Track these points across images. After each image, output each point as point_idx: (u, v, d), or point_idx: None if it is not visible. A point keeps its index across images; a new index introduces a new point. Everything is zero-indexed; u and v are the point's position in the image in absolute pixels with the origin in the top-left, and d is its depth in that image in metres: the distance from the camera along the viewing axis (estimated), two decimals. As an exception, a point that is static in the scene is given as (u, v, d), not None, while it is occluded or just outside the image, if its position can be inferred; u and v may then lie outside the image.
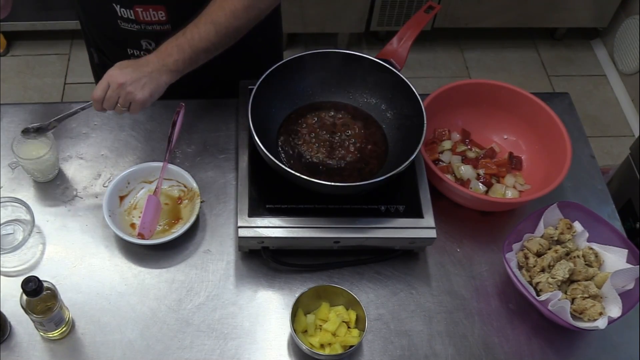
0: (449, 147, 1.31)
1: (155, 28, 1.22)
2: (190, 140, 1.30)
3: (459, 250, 1.20)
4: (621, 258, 1.12)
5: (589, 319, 1.06)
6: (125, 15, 1.20)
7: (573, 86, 2.84)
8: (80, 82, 2.69)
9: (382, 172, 1.15)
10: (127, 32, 1.24)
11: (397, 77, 1.18)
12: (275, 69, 1.16)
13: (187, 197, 1.20)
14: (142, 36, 1.25)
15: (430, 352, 1.09)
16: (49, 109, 1.33)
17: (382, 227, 1.10)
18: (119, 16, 1.20)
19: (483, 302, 1.14)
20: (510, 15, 2.76)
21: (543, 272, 1.11)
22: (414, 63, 2.82)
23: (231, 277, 1.14)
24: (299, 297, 1.05)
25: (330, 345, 1.05)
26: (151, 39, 1.25)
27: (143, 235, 1.14)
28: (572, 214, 1.17)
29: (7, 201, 1.16)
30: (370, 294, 1.14)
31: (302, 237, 1.08)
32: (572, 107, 1.43)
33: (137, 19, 1.20)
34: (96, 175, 1.24)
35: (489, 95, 1.31)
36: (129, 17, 1.20)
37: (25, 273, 1.11)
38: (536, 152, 1.29)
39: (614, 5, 2.77)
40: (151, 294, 1.11)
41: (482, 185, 1.26)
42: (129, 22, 1.21)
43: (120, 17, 1.20)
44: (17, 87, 2.67)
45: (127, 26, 1.22)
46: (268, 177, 1.12)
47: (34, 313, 0.99)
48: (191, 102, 1.32)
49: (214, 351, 1.06)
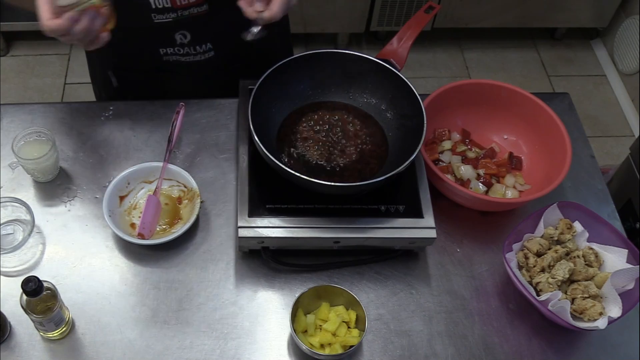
0: (449, 147, 1.31)
1: (192, 12, 1.20)
2: (190, 140, 1.30)
3: (459, 250, 1.20)
4: (621, 258, 1.12)
5: (589, 319, 1.06)
6: (160, 5, 1.18)
7: (573, 86, 2.84)
8: (80, 82, 2.69)
9: (382, 172, 1.15)
10: (161, 28, 1.22)
11: (397, 77, 1.18)
12: (275, 69, 1.16)
13: (187, 197, 1.20)
14: (177, 28, 1.23)
15: (430, 352, 1.09)
16: (49, 109, 1.33)
17: (382, 227, 1.10)
18: (153, 8, 1.18)
19: (483, 302, 1.14)
20: (510, 15, 2.76)
21: (543, 272, 1.11)
22: (414, 63, 2.82)
23: (231, 277, 1.14)
24: (299, 297, 1.05)
25: (330, 345, 1.05)
26: (186, 29, 1.24)
27: (143, 235, 1.14)
28: (572, 214, 1.17)
29: (7, 201, 1.16)
30: (370, 294, 1.14)
31: (302, 237, 1.08)
32: (572, 107, 1.43)
33: (174, 5, 1.18)
34: (96, 175, 1.24)
35: (489, 95, 1.31)
36: (164, 5, 1.18)
37: (25, 273, 1.11)
38: (536, 152, 1.29)
39: (614, 5, 2.77)
40: (151, 294, 1.11)
41: (482, 185, 1.26)
42: (164, 12, 1.19)
43: (155, 9, 1.18)
44: (17, 87, 2.67)
45: (162, 18, 1.20)
46: (268, 177, 1.12)
47: (34, 313, 0.99)
48: (191, 102, 1.32)
49: (214, 351, 1.06)
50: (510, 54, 2.93)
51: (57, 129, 1.29)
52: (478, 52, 2.92)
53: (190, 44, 1.28)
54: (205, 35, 1.28)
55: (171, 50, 1.28)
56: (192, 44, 1.28)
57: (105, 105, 1.34)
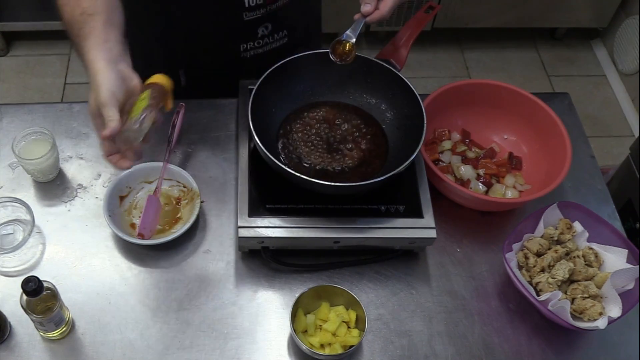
0: (449, 147, 1.31)
1: (279, 4, 1.23)
2: (190, 140, 1.30)
3: (459, 250, 1.20)
4: (621, 258, 1.12)
5: (589, 319, 1.06)
6: (254, 3, 1.19)
7: (573, 86, 2.84)
8: (81, 82, 2.69)
9: (382, 172, 1.15)
10: (249, 24, 1.23)
11: (397, 77, 1.18)
12: (275, 69, 1.16)
13: (187, 197, 1.20)
14: (263, 22, 1.25)
15: (430, 352, 1.09)
16: (49, 109, 1.33)
17: (382, 227, 1.10)
18: (246, 7, 1.20)
19: (483, 302, 1.14)
20: (510, 15, 2.76)
21: (543, 272, 1.11)
22: (414, 63, 2.82)
23: (231, 277, 1.14)
24: (299, 297, 1.05)
25: (330, 345, 1.05)
26: (270, 20, 1.25)
27: (143, 235, 1.14)
28: (572, 214, 1.17)
29: (7, 201, 1.16)
30: (370, 294, 1.14)
31: (302, 237, 1.08)
32: (572, 107, 1.43)
33: (267, 1, 1.20)
34: (96, 175, 1.24)
35: (489, 95, 1.31)
36: (257, 2, 1.20)
37: (25, 273, 1.11)
38: (536, 152, 1.29)
39: (614, 5, 2.77)
40: (151, 294, 1.11)
41: (482, 185, 1.26)
42: (256, 9, 1.21)
43: (247, 7, 1.20)
44: (17, 87, 2.67)
45: (252, 15, 1.22)
46: (268, 177, 1.12)
47: (34, 313, 0.99)
48: (191, 102, 1.32)
49: (214, 351, 1.06)
50: (510, 54, 2.93)
51: (57, 129, 1.29)
52: (478, 52, 2.92)
53: (269, 35, 1.29)
54: (284, 22, 1.29)
55: (251, 45, 1.29)
56: (272, 34, 1.30)
57: (105, 105, 1.34)
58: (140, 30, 1.37)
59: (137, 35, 1.39)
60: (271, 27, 1.27)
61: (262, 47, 1.31)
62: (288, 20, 1.30)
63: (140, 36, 1.39)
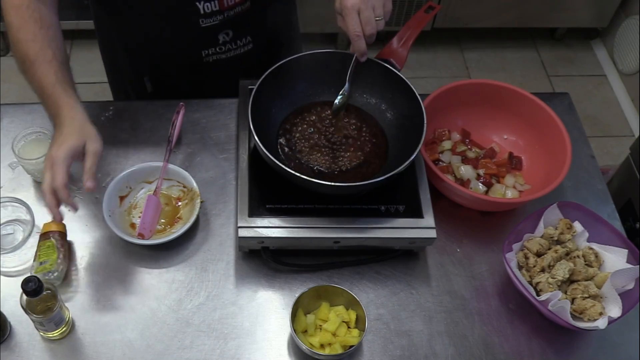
0: (449, 147, 1.31)
1: (237, 11, 1.23)
2: (190, 140, 1.30)
3: (459, 250, 1.20)
4: (621, 258, 1.12)
5: (589, 319, 1.06)
6: (209, 10, 1.20)
7: (573, 86, 2.84)
8: (80, 82, 2.68)
9: (382, 172, 1.15)
10: (207, 31, 1.24)
11: (397, 77, 1.18)
12: (275, 69, 1.16)
13: (187, 197, 1.20)
14: (222, 28, 1.25)
15: (430, 352, 1.09)
16: (49, 109, 1.33)
17: (382, 227, 1.10)
18: (202, 14, 1.20)
19: (483, 302, 1.14)
20: (510, 15, 2.76)
21: (543, 272, 1.11)
22: (414, 63, 2.82)
23: (231, 277, 1.14)
24: (299, 297, 1.05)
25: (330, 345, 1.05)
26: (230, 27, 1.25)
27: (143, 235, 1.14)
28: (572, 214, 1.17)
29: (7, 201, 1.16)
30: (370, 294, 1.14)
31: (302, 237, 1.08)
32: (572, 107, 1.43)
33: (222, 7, 1.20)
34: (96, 175, 1.24)
35: (489, 95, 1.31)
36: (212, 9, 1.20)
37: (25, 273, 1.11)
38: (536, 152, 1.29)
39: (614, 5, 2.77)
40: (151, 294, 1.11)
41: (482, 185, 1.26)
42: (212, 15, 1.21)
43: (203, 14, 1.20)
44: (17, 87, 2.67)
45: (209, 22, 1.22)
46: (268, 177, 1.12)
47: (34, 313, 0.99)
48: (191, 102, 1.32)
49: (214, 351, 1.06)
50: (510, 54, 2.93)
51: (57, 129, 1.29)
52: (478, 52, 2.92)
53: (231, 41, 1.29)
54: (246, 29, 1.29)
55: (213, 50, 1.29)
56: (234, 40, 1.29)
57: (105, 105, 1.34)
58: (106, 37, 1.38)
59: (103, 41, 1.41)
60: (232, 34, 1.27)
61: (224, 53, 1.31)
62: (250, 26, 1.30)
63: (106, 43, 1.41)
